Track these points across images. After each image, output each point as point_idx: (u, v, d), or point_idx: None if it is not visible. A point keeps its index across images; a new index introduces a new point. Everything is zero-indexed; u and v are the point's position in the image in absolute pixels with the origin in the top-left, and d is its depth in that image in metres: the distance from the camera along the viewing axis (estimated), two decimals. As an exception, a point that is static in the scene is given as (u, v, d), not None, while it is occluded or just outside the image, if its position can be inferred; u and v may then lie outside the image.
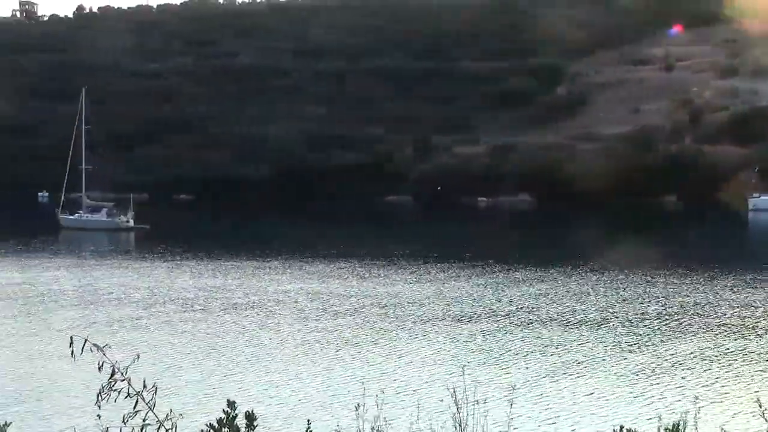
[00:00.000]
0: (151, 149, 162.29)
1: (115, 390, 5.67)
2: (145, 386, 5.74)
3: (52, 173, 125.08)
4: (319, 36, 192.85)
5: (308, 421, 7.66)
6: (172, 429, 5.85)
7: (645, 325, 37.39)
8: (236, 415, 6.22)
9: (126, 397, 5.72)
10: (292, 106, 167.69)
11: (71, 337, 5.77)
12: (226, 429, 5.97)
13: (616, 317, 39.50)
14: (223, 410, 6.21)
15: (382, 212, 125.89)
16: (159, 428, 5.84)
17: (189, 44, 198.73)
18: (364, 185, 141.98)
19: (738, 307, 42.03)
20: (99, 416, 6.03)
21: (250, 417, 6.32)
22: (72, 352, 5.75)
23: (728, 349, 32.59)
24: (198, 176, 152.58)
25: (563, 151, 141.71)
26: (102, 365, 5.65)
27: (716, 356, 31.36)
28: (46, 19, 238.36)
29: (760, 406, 8.16)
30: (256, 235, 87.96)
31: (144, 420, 5.81)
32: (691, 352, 31.82)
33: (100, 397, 5.63)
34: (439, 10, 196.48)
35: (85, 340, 5.76)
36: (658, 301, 43.81)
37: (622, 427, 8.63)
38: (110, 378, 5.66)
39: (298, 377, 28.22)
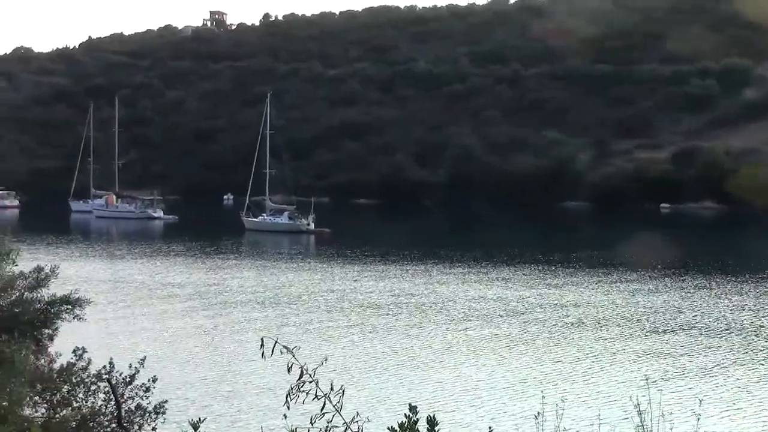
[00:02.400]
0: (332, 153, 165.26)
1: (304, 391, 5.75)
2: (332, 388, 5.80)
3: (236, 177, 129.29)
4: (498, 40, 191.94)
5: (490, 428, 7.56)
6: (358, 432, 5.89)
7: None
8: (418, 419, 6.19)
9: (314, 398, 5.79)
10: (470, 111, 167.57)
11: (262, 339, 5.89)
12: (408, 433, 5.95)
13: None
14: (405, 414, 6.19)
15: (559, 217, 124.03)
16: (345, 430, 5.88)
17: (369, 50, 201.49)
18: (542, 190, 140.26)
19: None
20: (285, 416, 6.12)
21: (432, 422, 6.27)
22: (263, 353, 5.88)
23: None
24: (377, 180, 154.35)
25: (752, 156, 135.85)
26: (291, 366, 5.75)
27: None
28: (234, 27, 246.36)
29: None
30: (436, 239, 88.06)
31: (330, 422, 5.86)
32: None
33: (288, 398, 5.72)
34: (619, 12, 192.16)
35: (275, 342, 5.87)
36: None
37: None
38: (299, 379, 5.74)
39: (480, 383, 28.09)
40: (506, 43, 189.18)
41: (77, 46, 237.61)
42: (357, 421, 5.87)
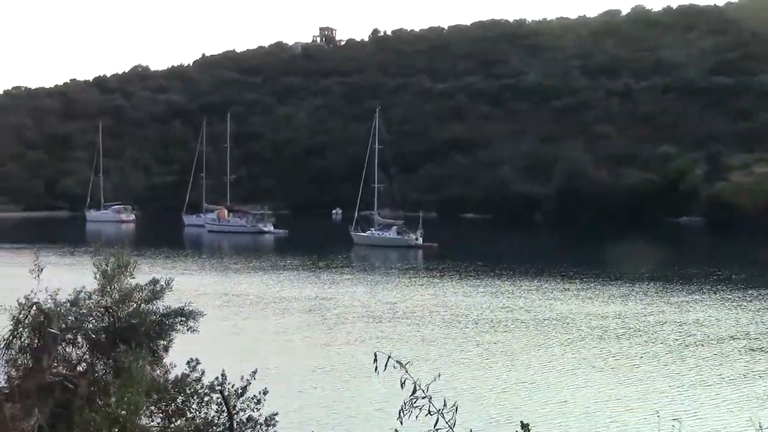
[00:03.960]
0: (440, 168, 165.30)
1: (417, 407, 5.70)
2: (445, 404, 5.73)
3: (345, 191, 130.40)
4: (609, 52, 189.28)
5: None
6: (471, 449, 5.80)
7: None
8: (530, 437, 6.06)
9: (427, 414, 5.73)
10: (580, 124, 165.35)
11: (375, 353, 5.85)
12: (523, 451, 5.83)
13: None
14: (517, 432, 6.07)
15: (673, 233, 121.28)
16: (459, 447, 5.80)
17: (478, 63, 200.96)
18: (654, 205, 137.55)
19: None
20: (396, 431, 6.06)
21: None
22: (376, 367, 5.84)
23: None
24: (485, 194, 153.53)
25: None
26: (404, 382, 5.71)
27: None
28: (343, 43, 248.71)
29: None
30: (547, 254, 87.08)
31: (443, 438, 5.78)
32: None
33: (401, 413, 5.68)
34: (738, 21, 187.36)
35: (389, 357, 5.83)
36: None
37: None
38: (412, 395, 5.70)
39: (594, 401, 27.60)
40: (618, 56, 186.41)
41: (191, 64, 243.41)
42: (471, 438, 5.78)
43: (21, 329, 13.02)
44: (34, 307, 13.08)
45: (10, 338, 12.95)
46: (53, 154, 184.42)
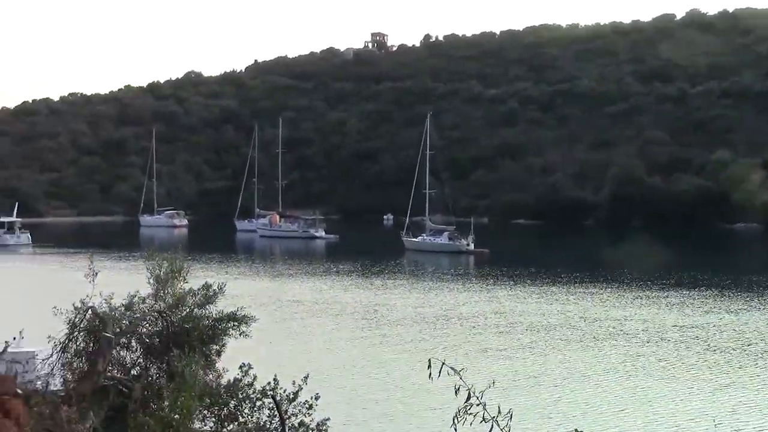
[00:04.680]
0: (491, 174, 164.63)
1: (471, 414, 5.64)
2: (499, 411, 5.67)
3: (396, 196, 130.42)
4: (663, 57, 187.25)
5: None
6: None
7: None
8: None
9: (481, 421, 5.67)
10: (633, 130, 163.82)
11: (429, 360, 5.82)
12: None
13: None
14: (573, 441, 5.97)
15: (728, 239, 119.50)
16: (514, 456, 5.72)
17: (530, 69, 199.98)
18: (708, 211, 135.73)
19: None
20: (451, 438, 6.00)
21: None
22: (430, 374, 5.80)
23: None
24: (537, 200, 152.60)
25: None
26: (458, 388, 5.65)
27: None
28: (395, 48, 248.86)
29: None
30: (600, 260, 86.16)
31: (497, 446, 5.72)
32: None
33: (456, 420, 5.63)
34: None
35: (443, 363, 5.79)
36: None
37: None
38: (466, 401, 5.64)
39: (652, 410, 27.25)
40: (672, 61, 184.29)
41: (244, 70, 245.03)
42: (526, 447, 5.72)
43: (77, 333, 13.18)
44: (90, 312, 13.23)
45: (66, 342, 13.11)
46: (108, 159, 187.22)
